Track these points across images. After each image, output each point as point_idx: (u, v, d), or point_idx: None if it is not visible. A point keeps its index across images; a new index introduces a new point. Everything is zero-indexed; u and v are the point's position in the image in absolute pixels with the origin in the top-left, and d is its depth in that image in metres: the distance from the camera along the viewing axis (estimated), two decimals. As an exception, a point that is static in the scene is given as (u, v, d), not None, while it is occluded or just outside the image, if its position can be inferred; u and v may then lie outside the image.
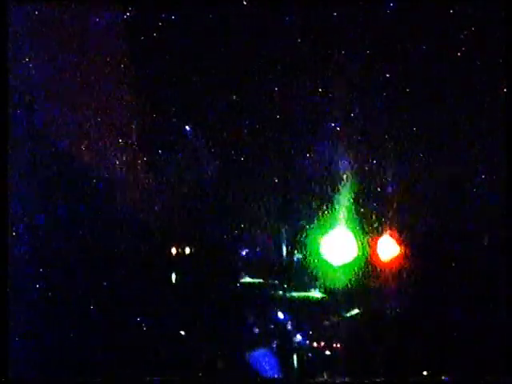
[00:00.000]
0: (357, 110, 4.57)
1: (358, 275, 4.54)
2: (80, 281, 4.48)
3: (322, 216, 4.53)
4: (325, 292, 4.59)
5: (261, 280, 4.65)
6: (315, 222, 4.54)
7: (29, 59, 4.54)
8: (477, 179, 4.50)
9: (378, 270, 4.56)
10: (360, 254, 4.55)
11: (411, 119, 4.57)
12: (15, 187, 4.49)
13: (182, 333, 4.50)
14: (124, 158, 4.56)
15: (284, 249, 4.60)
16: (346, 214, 4.53)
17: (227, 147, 4.60)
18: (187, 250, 4.63)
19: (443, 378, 4.32)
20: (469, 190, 4.51)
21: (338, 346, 4.58)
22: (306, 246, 4.56)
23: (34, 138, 4.55)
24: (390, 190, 4.55)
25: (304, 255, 4.57)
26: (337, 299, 4.59)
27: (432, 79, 4.59)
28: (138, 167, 4.59)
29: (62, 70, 4.57)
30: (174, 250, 4.64)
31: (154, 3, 4.59)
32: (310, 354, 4.60)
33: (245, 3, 4.57)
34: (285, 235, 4.60)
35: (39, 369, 4.52)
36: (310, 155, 4.59)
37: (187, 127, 4.59)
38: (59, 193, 4.51)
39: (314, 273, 4.58)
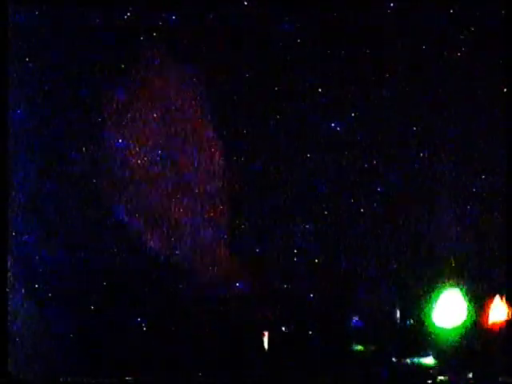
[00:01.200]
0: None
1: (470, 338, 4.50)
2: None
3: (433, 280, 4.53)
4: (438, 357, 4.53)
5: (373, 347, 4.60)
6: (426, 285, 4.53)
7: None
8: None
9: (490, 332, 4.51)
10: (471, 317, 4.52)
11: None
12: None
13: None
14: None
15: (396, 315, 4.57)
16: (456, 277, 4.53)
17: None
18: (298, 318, 4.61)
19: None
20: None
21: None
22: (417, 311, 4.54)
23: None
24: (500, 252, 4.53)
25: (416, 321, 4.55)
26: (450, 364, 4.52)
27: (432, 79, 4.59)
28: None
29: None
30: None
31: (154, 3, 4.59)
32: None
33: (245, 3, 4.58)
34: (396, 301, 4.57)
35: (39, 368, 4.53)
36: (416, 220, 4.59)
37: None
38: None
39: (426, 338, 4.55)
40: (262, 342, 4.56)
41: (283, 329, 4.57)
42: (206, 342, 4.55)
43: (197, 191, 4.62)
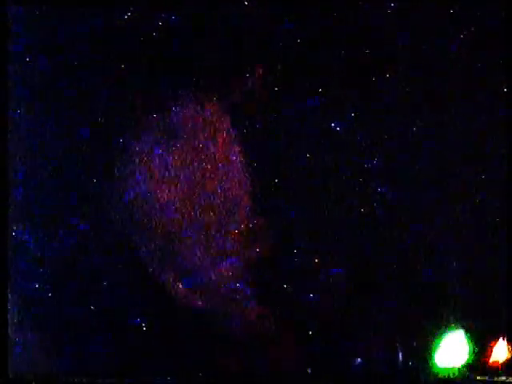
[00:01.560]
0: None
1: (473, 380, 4.50)
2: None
3: (436, 320, 4.52)
4: None
5: None
6: (428, 327, 4.51)
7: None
8: None
9: (492, 373, 4.50)
10: (473, 358, 4.51)
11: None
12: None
13: None
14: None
15: (399, 356, 4.55)
16: (460, 318, 4.52)
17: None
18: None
19: None
20: None
21: None
22: (419, 352, 4.53)
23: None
24: (504, 293, 4.52)
25: (418, 361, 4.54)
26: None
27: (432, 79, 4.60)
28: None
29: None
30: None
31: (153, 3, 4.59)
32: None
33: (246, 3, 4.58)
34: (398, 341, 4.56)
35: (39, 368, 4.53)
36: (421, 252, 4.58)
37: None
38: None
39: (427, 379, 4.53)
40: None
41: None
42: (206, 342, 4.55)
43: (195, 190, 4.62)
